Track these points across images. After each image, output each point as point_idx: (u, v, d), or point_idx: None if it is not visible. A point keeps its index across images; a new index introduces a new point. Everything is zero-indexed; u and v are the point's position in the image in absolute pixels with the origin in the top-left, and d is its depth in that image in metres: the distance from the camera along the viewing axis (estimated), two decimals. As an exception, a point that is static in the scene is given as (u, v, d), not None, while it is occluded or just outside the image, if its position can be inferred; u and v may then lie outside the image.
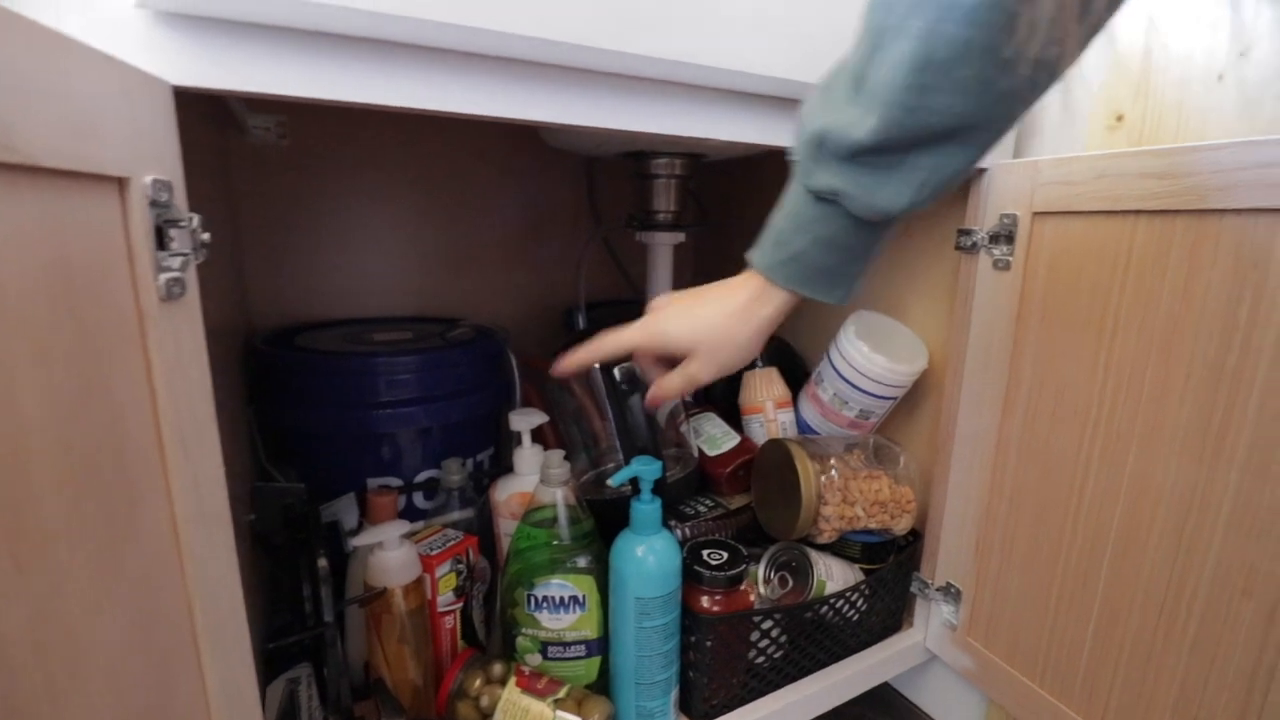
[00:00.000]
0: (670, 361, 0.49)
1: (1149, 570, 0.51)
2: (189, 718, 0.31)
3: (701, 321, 0.46)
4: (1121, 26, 0.58)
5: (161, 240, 0.29)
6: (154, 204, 0.28)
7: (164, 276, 0.29)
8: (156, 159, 0.29)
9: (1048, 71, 0.34)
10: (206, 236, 0.32)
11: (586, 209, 0.99)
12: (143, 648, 0.27)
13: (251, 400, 0.65)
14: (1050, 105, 0.64)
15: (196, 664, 0.32)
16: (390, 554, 0.53)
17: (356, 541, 0.52)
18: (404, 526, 0.54)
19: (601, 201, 0.99)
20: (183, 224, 0.30)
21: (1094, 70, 0.60)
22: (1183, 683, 0.49)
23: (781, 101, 0.51)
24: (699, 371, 0.46)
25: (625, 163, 0.79)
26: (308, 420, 0.63)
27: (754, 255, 0.44)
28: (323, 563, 0.48)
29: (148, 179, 0.28)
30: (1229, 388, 0.45)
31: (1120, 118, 0.58)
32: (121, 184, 0.26)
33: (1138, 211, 0.50)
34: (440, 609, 0.58)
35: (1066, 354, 0.56)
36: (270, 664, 0.56)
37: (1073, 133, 0.62)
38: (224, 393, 0.52)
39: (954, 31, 0.31)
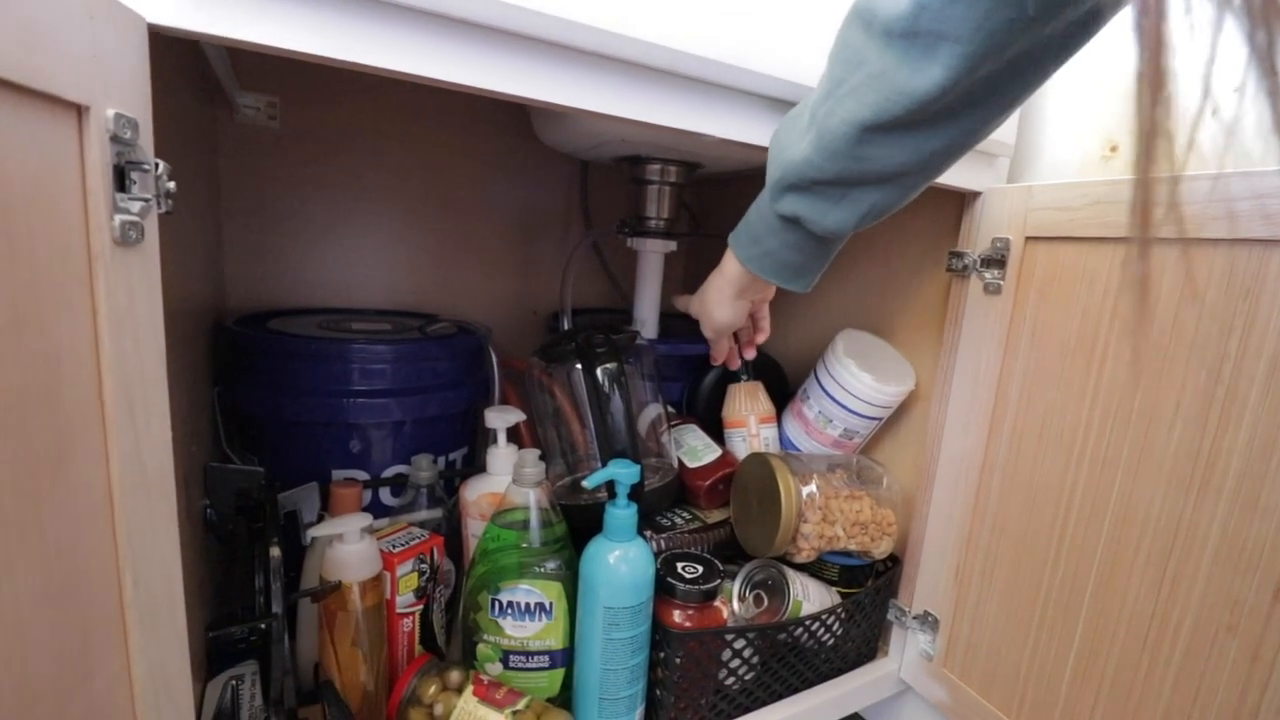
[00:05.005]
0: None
1: (1133, 602, 0.50)
2: (108, 699, 0.28)
3: (699, 299, 0.62)
4: (1118, 61, 0.59)
5: (122, 181, 0.28)
6: (115, 140, 0.27)
7: (120, 218, 0.27)
8: (122, 94, 0.27)
9: (976, 136, 0.41)
10: (172, 185, 0.30)
11: (578, 213, 0.98)
12: (58, 616, 0.24)
13: (217, 382, 0.63)
14: (1046, 134, 0.64)
15: (123, 644, 0.30)
16: (349, 547, 0.50)
17: (314, 532, 0.50)
18: (366, 519, 0.51)
19: (594, 206, 0.98)
20: (146, 167, 0.28)
21: (1090, 102, 0.61)
22: (1164, 722, 0.48)
23: (783, 105, 0.50)
24: (704, 331, 0.65)
25: (619, 168, 0.79)
26: (275, 406, 0.61)
27: (734, 245, 0.54)
28: (275, 552, 0.45)
29: (110, 112, 0.26)
30: (1218, 418, 0.45)
31: (1114, 148, 0.59)
32: (80, 112, 0.25)
33: (1131, 238, 0.50)
34: (399, 610, 0.55)
35: (1055, 379, 0.55)
36: (216, 660, 0.53)
37: (1067, 161, 0.62)
38: (188, 368, 0.50)
39: (898, 112, 0.38)
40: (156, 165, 0.29)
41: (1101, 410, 0.52)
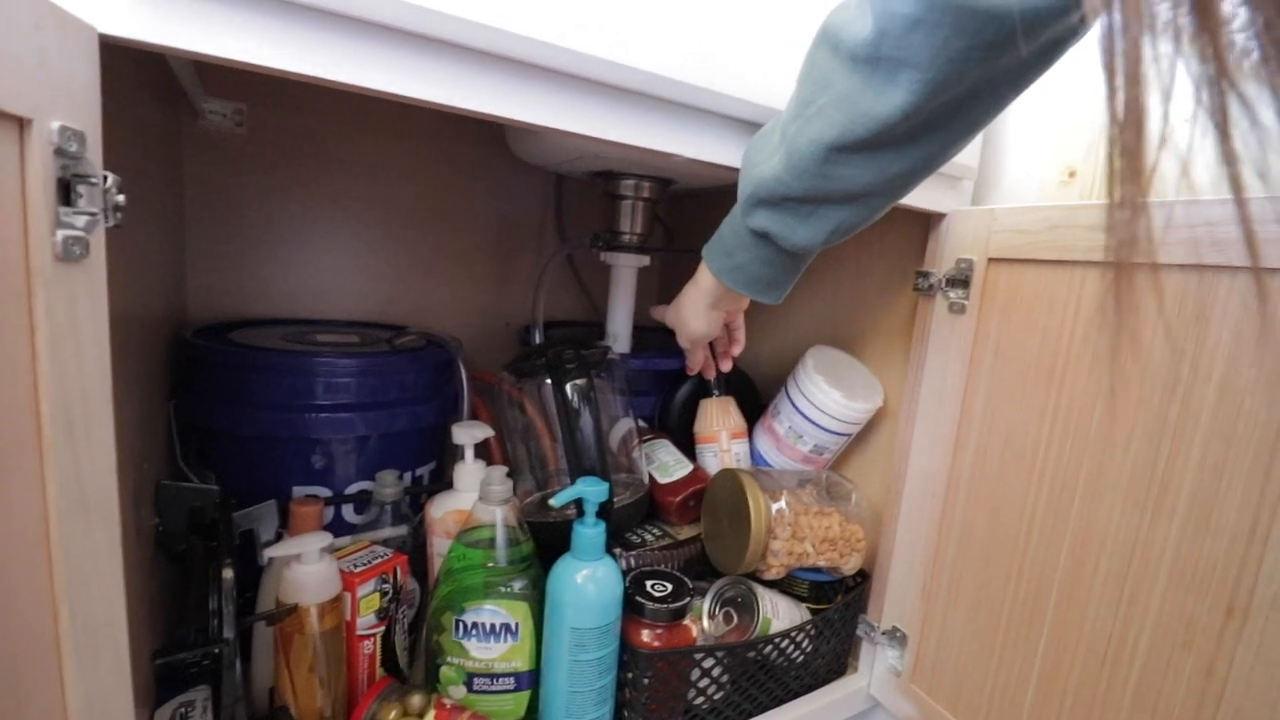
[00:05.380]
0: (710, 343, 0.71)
1: (1092, 620, 0.50)
2: (38, 739, 0.27)
3: (674, 309, 0.64)
4: (1076, 89, 0.60)
5: (67, 195, 0.27)
6: (60, 153, 0.26)
7: (63, 234, 0.26)
8: (69, 106, 0.26)
9: (938, 159, 0.43)
10: (122, 198, 0.30)
11: (553, 226, 0.98)
12: (-18, 652, 0.23)
13: (174, 395, 0.61)
14: (1008, 159, 0.66)
15: (57, 677, 0.28)
16: (308, 568, 0.48)
17: (271, 552, 0.48)
18: (326, 539, 0.50)
19: (569, 219, 0.98)
20: (93, 180, 0.27)
21: (1049, 129, 0.62)
22: (1122, 737, 0.49)
23: (752, 127, 0.51)
24: (680, 341, 0.67)
25: (594, 182, 0.79)
26: (233, 420, 0.59)
27: (708, 258, 0.55)
28: (228, 574, 0.43)
29: (54, 124, 0.25)
30: (1172, 439, 0.46)
31: (1072, 174, 0.60)
32: (22, 124, 0.24)
33: (1087, 262, 0.51)
34: (359, 632, 0.53)
35: (1017, 398, 0.56)
36: (166, 685, 0.51)
37: (1028, 185, 0.64)
38: (142, 382, 0.48)
39: (863, 134, 0.39)
40: (105, 178, 0.29)
41: (1061, 429, 0.53)
